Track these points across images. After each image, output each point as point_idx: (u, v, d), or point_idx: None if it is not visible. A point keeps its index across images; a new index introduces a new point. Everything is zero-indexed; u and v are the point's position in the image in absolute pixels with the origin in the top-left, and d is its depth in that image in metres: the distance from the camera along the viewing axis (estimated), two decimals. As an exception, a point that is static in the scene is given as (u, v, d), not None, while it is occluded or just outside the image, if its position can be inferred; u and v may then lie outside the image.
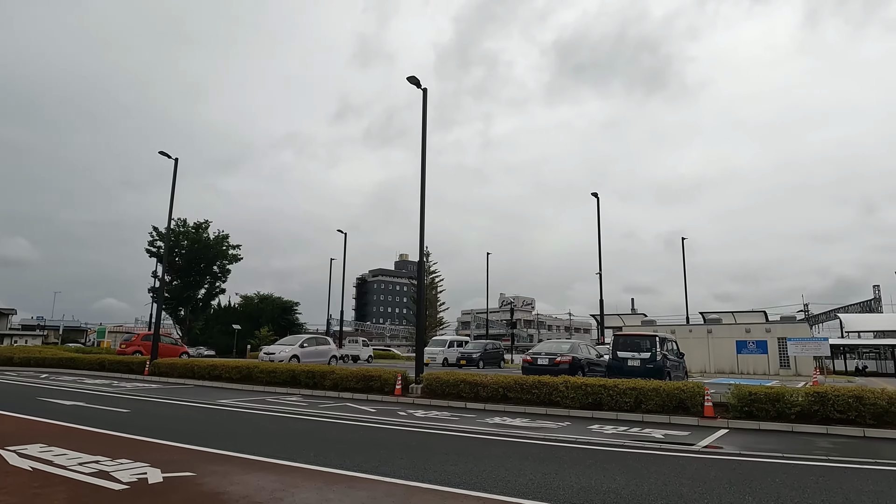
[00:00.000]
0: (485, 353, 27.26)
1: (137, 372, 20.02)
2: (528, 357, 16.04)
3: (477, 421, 10.15)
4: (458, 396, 12.76)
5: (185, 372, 18.43)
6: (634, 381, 11.01)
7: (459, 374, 13.45)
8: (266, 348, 21.06)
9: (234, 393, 14.89)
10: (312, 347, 21.05)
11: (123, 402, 12.03)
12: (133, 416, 9.99)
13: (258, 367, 16.66)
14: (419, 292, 14.41)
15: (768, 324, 27.33)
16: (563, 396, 11.48)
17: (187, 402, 12.49)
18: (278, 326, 64.15)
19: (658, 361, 13.96)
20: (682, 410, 10.47)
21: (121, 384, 16.92)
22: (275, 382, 15.96)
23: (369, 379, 14.23)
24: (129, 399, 12.85)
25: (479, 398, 12.47)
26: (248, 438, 7.77)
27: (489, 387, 12.40)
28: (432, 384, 13.34)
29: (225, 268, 42.65)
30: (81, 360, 22.21)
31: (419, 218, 14.51)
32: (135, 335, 25.65)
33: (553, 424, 9.86)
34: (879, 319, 40.79)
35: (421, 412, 11.30)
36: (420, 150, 14.87)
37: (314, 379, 15.21)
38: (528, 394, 11.91)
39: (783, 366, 25.84)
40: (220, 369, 17.43)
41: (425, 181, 14.75)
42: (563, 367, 14.92)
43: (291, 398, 13.78)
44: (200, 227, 40.89)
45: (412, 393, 13.75)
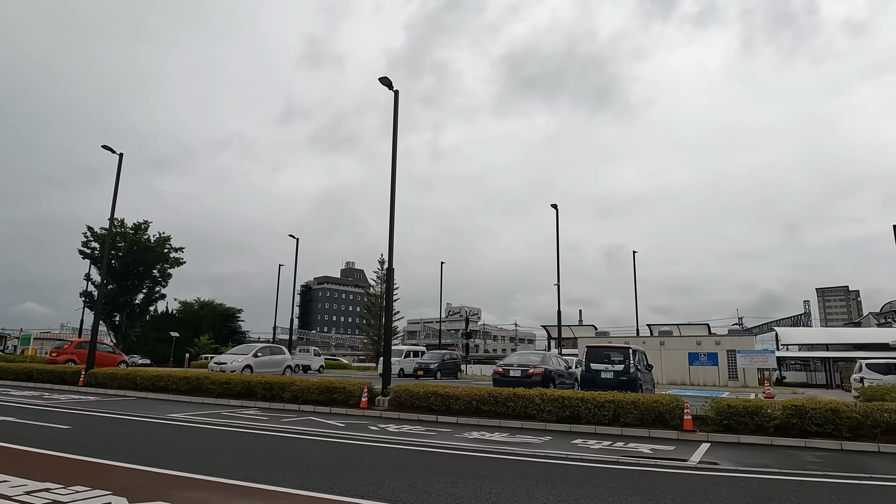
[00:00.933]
0: (442, 363, 26.78)
1: (71, 383, 18.43)
2: (499, 369, 15.71)
3: (455, 436, 9.69)
4: (429, 409, 12.26)
5: (125, 383, 17.09)
6: (612, 395, 10.84)
7: (429, 386, 12.95)
8: (217, 358, 19.84)
9: (183, 406, 13.84)
10: (266, 357, 19.98)
11: (61, 417, 10.88)
12: (76, 433, 8.99)
13: (209, 377, 15.60)
14: (387, 301, 13.85)
15: (718, 337, 28.20)
16: (540, 410, 11.18)
17: (134, 416, 11.45)
18: (220, 334, 61.54)
19: (632, 374, 13.92)
20: (660, 424, 10.36)
21: (53, 396, 15.47)
22: (228, 394, 14.97)
23: (333, 391, 13.52)
24: (66, 413, 11.66)
25: (451, 411, 12.01)
26: (216, 458, 7.03)
27: (462, 399, 11.97)
28: (401, 397, 12.79)
29: (166, 272, 40.46)
30: (5, 370, 20.30)
31: (388, 224, 14.01)
32: (67, 343, 23.72)
33: (534, 439, 9.53)
34: (812, 333, 43.01)
35: (393, 426, 10.74)
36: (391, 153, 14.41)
37: (272, 391, 14.35)
38: (503, 407, 11.56)
39: (732, 377, 26.67)
40: (165, 380, 16.23)
41: (395, 187, 14.27)
42: (535, 380, 14.67)
43: (248, 412, 12.90)
44: (140, 227, 38.66)
45: (379, 406, 13.14)
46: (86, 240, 37.89)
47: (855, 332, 43.20)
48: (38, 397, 15.12)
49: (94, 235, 37.96)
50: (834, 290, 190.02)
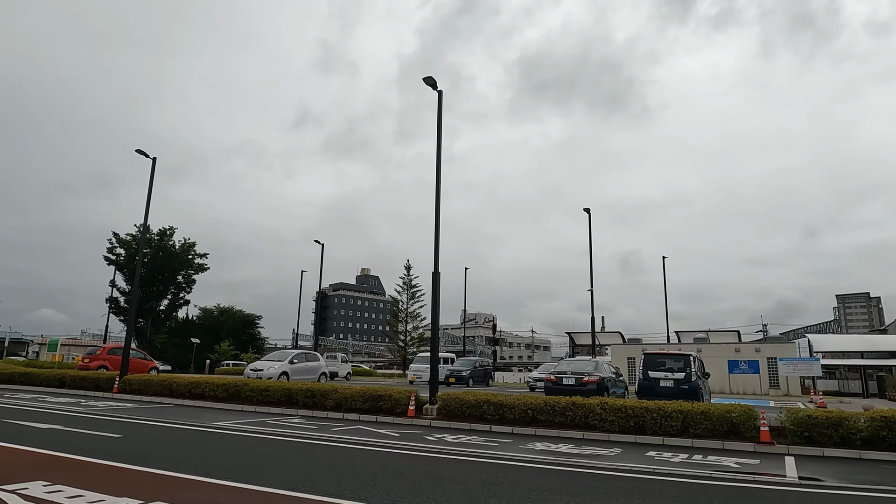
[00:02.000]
0: (474, 370, 26.30)
1: (105, 389, 18.21)
2: (551, 376, 15.20)
3: (519, 447, 9.24)
4: (481, 419, 11.82)
5: (161, 389, 16.83)
6: (679, 404, 10.34)
7: (480, 393, 12.52)
8: (252, 364, 19.54)
9: (224, 414, 13.52)
10: (302, 364, 19.65)
11: (107, 426, 10.58)
12: (128, 442, 8.65)
13: (247, 384, 15.28)
14: (434, 306, 13.43)
15: (758, 343, 27.44)
16: (601, 420, 10.70)
17: (180, 424, 11.11)
18: (239, 341, 61.54)
19: (693, 382, 13.39)
20: (733, 435, 9.84)
21: (91, 403, 15.24)
22: (267, 402, 14.62)
23: (378, 399, 13.12)
24: (110, 421, 11.36)
25: (504, 421, 11.56)
26: (289, 471, 6.63)
27: (517, 408, 11.52)
28: (450, 405, 12.36)
29: (190, 278, 40.40)
30: (37, 376, 20.17)
31: (434, 225, 13.61)
32: (99, 349, 23.56)
33: (603, 451, 9.06)
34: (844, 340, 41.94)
35: (450, 437, 10.31)
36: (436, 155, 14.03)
37: (314, 399, 13.99)
38: (561, 416, 11.09)
39: (773, 385, 25.90)
40: (203, 387, 15.94)
41: (440, 189, 13.90)
42: (590, 388, 14.16)
43: (292, 420, 12.53)
44: (165, 233, 38.67)
45: (427, 414, 12.72)
46: (111, 246, 37.95)
47: (892, 339, 42.05)
48: (76, 404, 14.89)
49: (120, 242, 38.01)
50: (854, 297, 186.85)
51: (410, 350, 41.82)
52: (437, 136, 14.19)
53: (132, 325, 19.57)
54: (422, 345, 43.13)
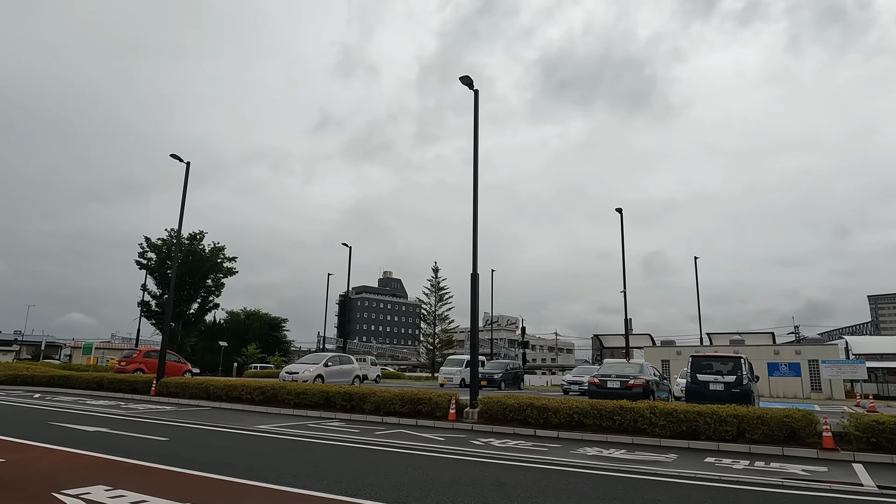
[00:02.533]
0: (506, 373, 26.03)
1: (143, 392, 18.37)
2: (595, 380, 14.88)
3: (571, 452, 8.98)
4: (524, 423, 11.58)
5: (198, 392, 16.90)
6: (733, 408, 9.99)
7: (522, 397, 12.29)
8: (288, 367, 19.56)
9: (263, 417, 13.48)
10: (336, 366, 19.59)
11: (152, 428, 10.58)
12: (176, 445, 8.62)
13: (284, 388, 15.24)
14: (473, 307, 13.23)
15: (799, 346, 26.69)
16: (651, 424, 10.37)
17: (223, 427, 11.08)
18: (266, 344, 62.02)
19: (745, 385, 12.97)
20: (793, 441, 9.46)
21: (130, 406, 15.34)
22: (305, 405, 14.56)
23: (417, 402, 12.96)
24: (153, 424, 11.38)
25: (549, 425, 11.30)
26: (346, 477, 6.49)
27: (561, 412, 11.25)
28: (492, 408, 12.14)
29: (219, 281, 40.75)
30: (76, 379, 20.45)
31: (472, 226, 13.43)
32: (136, 352, 23.86)
33: (658, 456, 8.76)
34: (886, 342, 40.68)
35: (495, 441, 10.10)
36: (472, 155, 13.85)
37: (352, 402, 13.87)
38: (608, 421, 10.79)
39: (815, 389, 25.12)
40: (239, 390, 15.96)
41: (478, 188, 13.72)
42: (636, 391, 13.82)
43: (332, 423, 12.44)
44: (195, 238, 39.08)
45: (468, 418, 12.52)
46: (142, 250, 38.49)
47: (935, 340, 40.68)
48: (116, 406, 15.01)
49: (151, 246, 38.52)
50: (888, 298, 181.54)
51: (439, 353, 41.64)
52: (475, 136, 14.01)
53: (167, 329, 19.72)
54: (450, 347, 42.90)
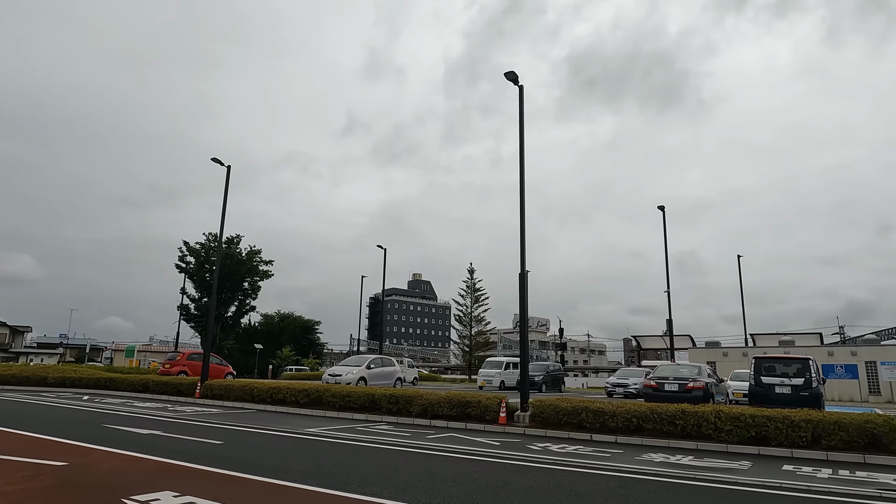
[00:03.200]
0: (547, 375, 25.56)
1: (187, 394, 18.50)
2: (651, 382, 14.39)
3: (636, 458, 8.58)
4: (579, 427, 11.19)
5: (242, 395, 16.91)
6: (807, 413, 9.45)
7: (575, 400, 11.90)
8: (330, 370, 19.49)
9: (309, 420, 13.37)
10: (378, 369, 19.44)
11: (204, 431, 10.53)
12: (232, 449, 8.49)
13: (329, 390, 15.12)
14: (522, 307, 12.89)
15: (854, 347, 25.59)
16: (717, 429, 9.89)
17: (273, 430, 10.96)
18: (299, 346, 62.50)
19: (815, 388, 12.36)
20: (874, 448, 8.88)
21: (177, 408, 15.41)
22: (350, 408, 14.40)
23: (466, 405, 12.67)
24: (204, 427, 11.34)
25: (606, 429, 10.90)
26: (409, 484, 6.24)
27: (619, 416, 10.83)
28: (544, 412, 11.78)
29: (256, 284, 41.13)
30: (121, 381, 20.73)
31: (519, 224, 13.08)
32: (179, 354, 24.17)
33: (730, 463, 8.30)
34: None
35: (553, 446, 9.74)
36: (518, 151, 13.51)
37: (398, 405, 13.66)
38: (670, 425, 10.34)
39: (873, 391, 24.00)
40: (284, 392, 15.90)
41: (524, 185, 13.36)
42: (696, 395, 13.30)
43: (380, 427, 12.24)
44: (232, 241, 39.52)
45: (519, 422, 12.18)
46: (181, 255, 39.10)
47: None
48: (163, 409, 15.09)
49: (190, 250, 39.10)
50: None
51: (477, 354, 41.26)
52: (520, 133, 13.68)
53: (211, 332, 19.87)
54: (486, 349, 42.49)
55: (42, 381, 22.48)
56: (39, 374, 22.95)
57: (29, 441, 8.70)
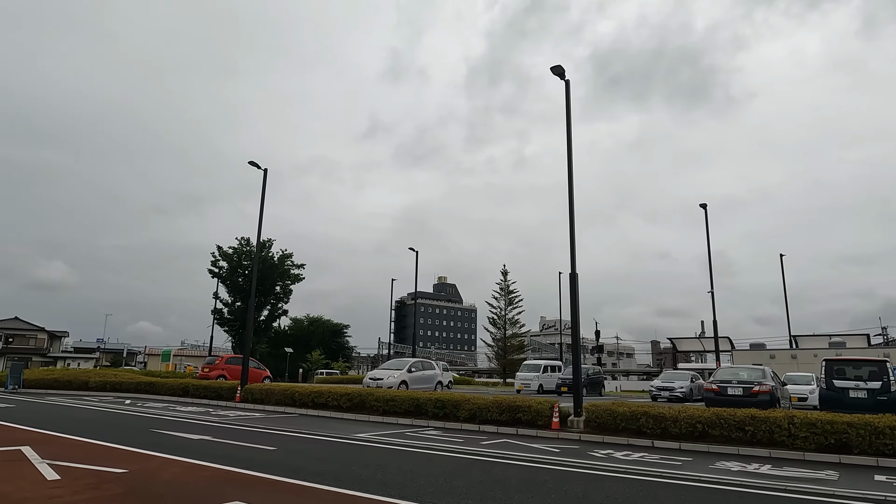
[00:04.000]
0: (587, 379, 24.94)
1: (227, 398, 18.45)
2: (713, 386, 13.82)
3: (710, 467, 8.10)
4: (639, 433, 10.72)
5: (283, 399, 16.76)
6: (891, 419, 8.84)
7: (634, 405, 11.42)
8: (371, 373, 19.26)
9: (354, 424, 13.13)
10: (419, 372, 19.14)
11: (254, 437, 10.33)
12: (288, 456, 8.24)
13: (373, 394, 14.87)
14: (573, 308, 12.47)
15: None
16: (790, 436, 9.34)
17: (323, 436, 10.72)
18: (329, 350, 62.68)
19: (893, 392, 11.70)
20: (970, 457, 8.25)
21: (220, 413, 15.33)
22: (394, 412, 14.12)
23: (516, 410, 12.28)
24: (253, 432, 11.16)
25: (668, 435, 10.41)
26: (485, 495, 5.89)
27: (682, 422, 10.33)
28: (600, 417, 11.33)
29: (287, 288, 41.27)
30: (161, 385, 20.81)
31: (569, 222, 12.69)
32: (218, 358, 24.25)
33: (815, 473, 7.76)
34: None
35: (617, 453, 9.31)
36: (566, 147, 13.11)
37: (444, 409, 13.33)
38: (739, 431, 9.81)
39: (933, 396, 22.86)
40: (325, 396, 15.70)
41: (573, 182, 12.97)
42: (762, 399, 12.71)
43: (429, 431, 11.93)
44: (264, 245, 39.68)
45: (573, 427, 11.75)
46: (214, 259, 39.43)
47: None
48: (206, 413, 15.00)
49: (223, 255, 39.40)
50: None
51: (510, 357, 40.76)
52: (567, 127, 13.27)
53: (250, 336, 19.80)
54: (521, 352, 41.93)
55: (84, 385, 22.73)
56: (81, 379, 23.22)
57: (82, 446, 8.59)
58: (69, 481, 5.94)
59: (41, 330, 67.22)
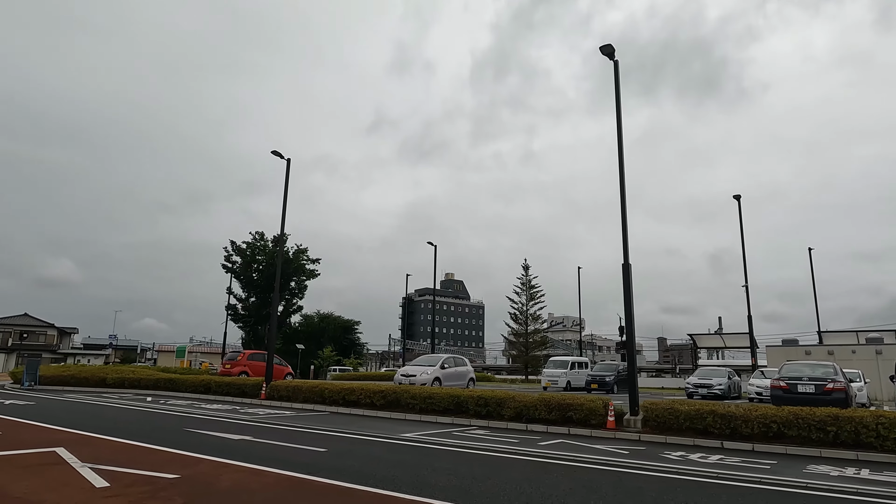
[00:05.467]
0: (618, 376, 24.26)
1: (252, 395, 17.86)
2: (781, 383, 13.12)
3: (805, 472, 7.41)
4: (704, 433, 10.04)
5: (311, 396, 16.14)
6: None
7: (698, 403, 10.76)
8: (403, 370, 18.62)
9: (392, 423, 12.50)
10: (452, 369, 18.48)
11: (296, 436, 9.71)
12: (342, 458, 7.61)
13: (408, 391, 14.23)
14: (626, 300, 11.79)
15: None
16: (878, 437, 8.66)
17: (366, 435, 10.09)
18: (340, 346, 62.08)
19: None
20: None
21: (248, 410, 14.73)
22: (432, 410, 13.48)
23: (566, 408, 11.62)
24: (293, 431, 10.54)
25: (738, 436, 9.72)
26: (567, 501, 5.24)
27: (754, 421, 9.64)
28: (661, 416, 10.65)
29: (302, 283, 40.65)
30: (182, 382, 20.23)
31: (621, 216, 11.99)
32: (240, 354, 23.66)
33: (922, 479, 7.08)
34: None
35: (692, 455, 8.64)
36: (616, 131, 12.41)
37: (487, 407, 12.69)
38: (819, 432, 9.12)
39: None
40: (357, 394, 15.08)
41: (624, 169, 12.27)
42: (836, 397, 12.02)
43: (475, 431, 11.28)
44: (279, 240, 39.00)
45: (630, 426, 11.09)
46: (227, 254, 38.84)
47: None
48: (234, 411, 14.41)
49: (237, 250, 38.82)
50: None
51: (532, 353, 40.08)
52: (617, 109, 12.58)
53: (274, 332, 19.20)
54: (543, 348, 41.23)
55: (101, 382, 22.20)
56: (98, 375, 22.68)
57: (121, 448, 7.97)
58: (121, 489, 5.32)
59: (51, 326, 66.91)
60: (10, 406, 14.41)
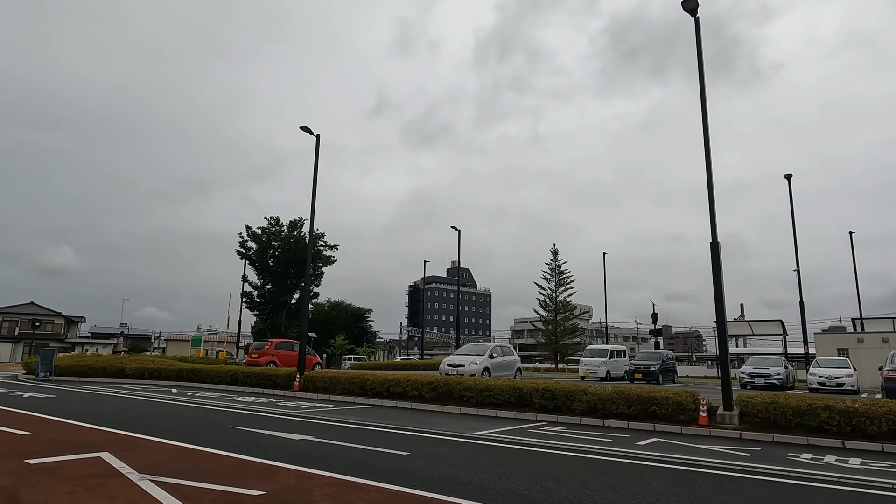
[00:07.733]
0: (663, 365, 23.12)
1: (283, 387, 16.76)
2: (893, 374, 12.01)
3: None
4: (818, 431, 8.91)
5: (351, 388, 15.05)
6: None
7: (807, 397, 9.61)
8: (449, 359, 17.49)
9: (451, 419, 11.38)
10: (500, 358, 17.33)
11: (361, 436, 8.60)
12: (429, 462, 6.48)
13: (462, 383, 13.12)
14: (716, 281, 10.61)
15: None
16: None
17: (439, 434, 8.98)
18: (352, 335, 61.18)
19: None
20: None
21: (286, 404, 13.66)
22: (490, 404, 12.38)
23: (649, 402, 10.48)
24: (354, 429, 9.43)
25: (861, 435, 8.60)
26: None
27: (881, 418, 8.50)
28: (764, 411, 9.52)
29: (319, 270, 39.46)
30: (207, 373, 19.16)
31: (707, 189, 10.79)
32: (267, 343, 22.57)
33: None
34: None
35: (827, 458, 7.50)
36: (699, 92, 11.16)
37: (555, 400, 11.55)
38: (964, 430, 7.98)
39: None
40: (403, 385, 13.97)
41: (709, 142, 11.05)
42: None
43: (550, 428, 10.16)
44: (295, 225, 37.87)
45: (725, 423, 9.95)
46: (242, 240, 37.70)
47: None
48: (271, 404, 13.34)
49: (252, 235, 37.65)
50: None
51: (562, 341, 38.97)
52: (699, 70, 11.31)
53: (307, 320, 18.09)
54: (573, 336, 40.13)
55: (120, 373, 21.19)
56: (116, 366, 21.66)
57: (172, 451, 6.85)
58: (202, 513, 4.20)
59: (58, 315, 66.06)
60: (31, 400, 13.36)
